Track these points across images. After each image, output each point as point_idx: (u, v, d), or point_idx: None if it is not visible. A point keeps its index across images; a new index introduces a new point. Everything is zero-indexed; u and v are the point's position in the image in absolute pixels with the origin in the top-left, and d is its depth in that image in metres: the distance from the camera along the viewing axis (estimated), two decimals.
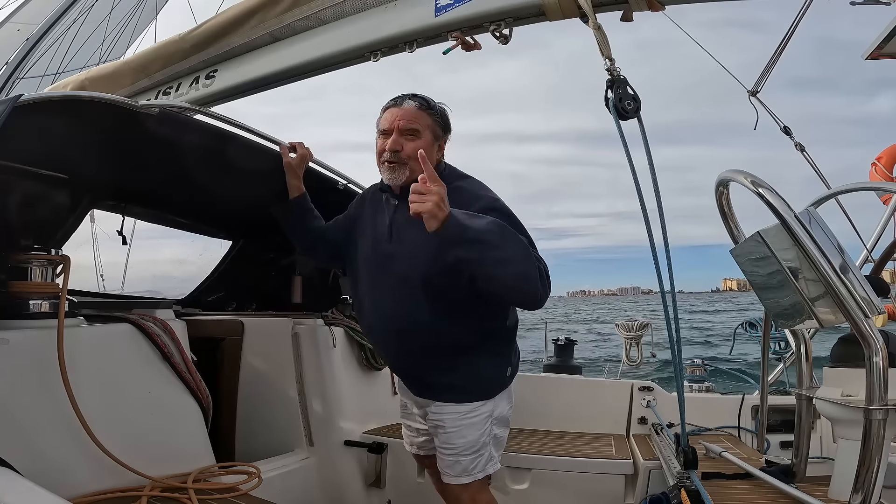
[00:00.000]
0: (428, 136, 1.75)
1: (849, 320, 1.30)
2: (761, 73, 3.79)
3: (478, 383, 1.82)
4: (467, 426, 1.78)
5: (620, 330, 5.36)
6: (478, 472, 1.80)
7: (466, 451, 1.79)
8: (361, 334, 2.78)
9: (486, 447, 1.81)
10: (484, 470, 1.82)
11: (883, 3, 2.26)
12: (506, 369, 1.87)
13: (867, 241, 3.15)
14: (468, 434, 1.78)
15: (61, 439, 1.60)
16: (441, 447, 1.83)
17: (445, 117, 1.82)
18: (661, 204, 1.58)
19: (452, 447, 1.80)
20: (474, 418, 1.79)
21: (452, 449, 1.80)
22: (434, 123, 1.78)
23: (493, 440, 1.84)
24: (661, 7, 1.76)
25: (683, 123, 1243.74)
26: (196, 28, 2.57)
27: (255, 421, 2.62)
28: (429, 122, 1.76)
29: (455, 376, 1.79)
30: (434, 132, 1.77)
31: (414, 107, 1.75)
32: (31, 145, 1.85)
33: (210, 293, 3.52)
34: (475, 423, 1.79)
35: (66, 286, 1.75)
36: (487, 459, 1.82)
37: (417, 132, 1.73)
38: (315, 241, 2.09)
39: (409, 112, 1.74)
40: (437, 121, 1.79)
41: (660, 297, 1.57)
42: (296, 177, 2.08)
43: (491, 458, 1.84)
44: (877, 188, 2.76)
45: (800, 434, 1.81)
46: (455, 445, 1.79)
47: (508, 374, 1.87)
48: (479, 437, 1.79)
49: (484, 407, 1.80)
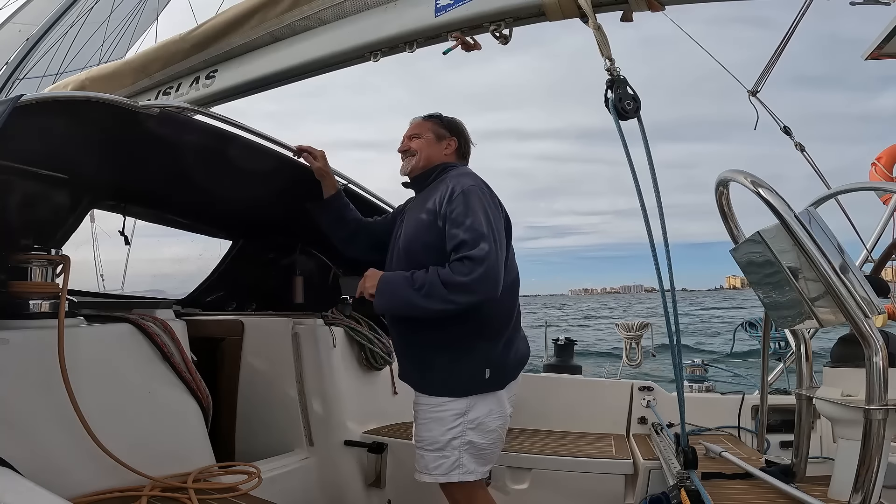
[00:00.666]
0: (429, 136, 2.09)
1: (849, 320, 1.30)
2: (761, 74, 3.80)
3: (447, 378, 1.86)
4: (433, 420, 1.85)
5: (620, 330, 5.37)
6: (439, 475, 1.82)
7: (429, 447, 1.85)
8: (361, 334, 2.79)
9: (452, 450, 1.81)
10: (447, 475, 1.82)
11: (883, 3, 2.26)
12: (482, 370, 1.85)
13: (867, 241, 3.16)
14: (433, 428, 1.84)
15: (61, 439, 1.60)
16: (413, 438, 1.96)
17: (451, 123, 2.14)
18: (661, 204, 1.58)
19: (418, 440, 1.90)
20: (441, 413, 1.84)
21: (418, 441, 1.90)
22: (435, 126, 2.11)
23: (466, 446, 1.82)
24: (660, 7, 1.76)
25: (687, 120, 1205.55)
26: (196, 28, 2.58)
27: (255, 421, 2.62)
28: (430, 126, 2.11)
29: (427, 367, 1.91)
30: (435, 133, 2.10)
31: (420, 119, 2.15)
32: (32, 145, 1.85)
33: (210, 293, 3.52)
34: (441, 418, 1.83)
35: (66, 286, 1.75)
36: (454, 465, 1.81)
37: (419, 134, 2.11)
38: (353, 233, 2.30)
39: (416, 122, 2.15)
40: (439, 124, 2.12)
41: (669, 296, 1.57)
42: (329, 176, 2.30)
43: (459, 465, 1.82)
44: (877, 188, 2.76)
45: (800, 434, 1.81)
46: (420, 438, 1.89)
47: (487, 376, 1.85)
48: (442, 434, 1.82)
49: (453, 404, 1.83)
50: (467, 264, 1.72)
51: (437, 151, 2.07)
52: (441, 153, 2.08)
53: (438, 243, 1.83)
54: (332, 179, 2.31)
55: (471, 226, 1.77)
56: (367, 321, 2.90)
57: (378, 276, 1.87)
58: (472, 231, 1.76)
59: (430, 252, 1.85)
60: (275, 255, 3.58)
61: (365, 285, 1.89)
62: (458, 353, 1.85)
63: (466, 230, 1.77)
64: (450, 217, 1.82)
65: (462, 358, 1.85)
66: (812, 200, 1.92)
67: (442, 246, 1.82)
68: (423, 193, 2.04)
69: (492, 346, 1.88)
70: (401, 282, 1.82)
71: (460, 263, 1.73)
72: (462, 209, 1.81)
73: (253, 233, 3.47)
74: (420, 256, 1.87)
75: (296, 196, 2.42)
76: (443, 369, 1.87)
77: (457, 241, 1.77)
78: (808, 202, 1.83)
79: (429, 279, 1.75)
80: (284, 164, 2.39)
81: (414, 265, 1.86)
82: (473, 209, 1.80)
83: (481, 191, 1.88)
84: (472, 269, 1.71)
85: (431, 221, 1.87)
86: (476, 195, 1.84)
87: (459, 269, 1.73)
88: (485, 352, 1.87)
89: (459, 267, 1.73)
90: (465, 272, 1.71)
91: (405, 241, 1.97)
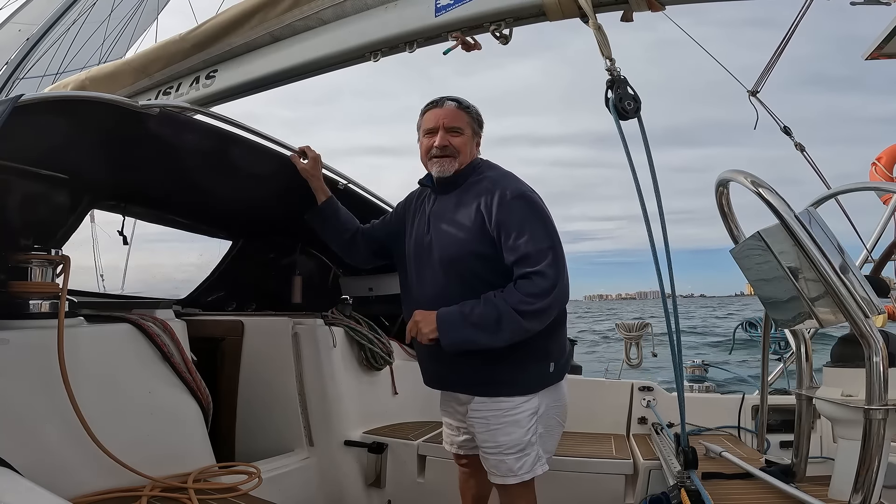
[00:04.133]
0: (468, 133, 1.88)
1: (849, 320, 1.30)
2: (761, 74, 3.80)
3: (518, 378, 1.76)
4: (510, 423, 1.74)
5: (620, 330, 5.37)
6: (525, 473, 1.75)
7: (510, 450, 1.74)
8: (361, 334, 2.79)
9: (531, 447, 1.76)
10: (532, 471, 1.76)
11: (883, 3, 2.25)
12: (548, 364, 1.80)
13: (867, 241, 3.15)
14: (513, 432, 1.74)
15: (61, 439, 1.60)
16: (483, 446, 1.79)
17: (479, 116, 1.94)
18: (661, 204, 1.58)
19: (496, 446, 1.76)
20: (518, 415, 1.74)
21: (496, 447, 1.76)
22: (472, 121, 1.90)
23: (539, 440, 1.79)
24: (661, 7, 1.76)
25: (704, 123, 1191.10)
26: (196, 28, 2.58)
27: (255, 421, 2.62)
28: (468, 120, 1.89)
29: (495, 370, 1.75)
30: (472, 129, 1.90)
31: (454, 106, 1.88)
32: (32, 145, 1.85)
33: (210, 293, 3.52)
34: (518, 420, 1.74)
35: (66, 286, 1.75)
36: (535, 460, 1.77)
37: (460, 129, 1.86)
38: (352, 239, 2.15)
39: (451, 112, 1.88)
40: (475, 118, 1.92)
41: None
42: (317, 179, 2.17)
43: (538, 458, 1.78)
44: (877, 188, 2.76)
45: (800, 434, 1.81)
46: (499, 444, 1.75)
47: (552, 369, 1.81)
48: (523, 435, 1.74)
49: (527, 404, 1.76)
50: (538, 282, 1.62)
51: (473, 150, 1.90)
52: (475, 151, 1.91)
53: (492, 253, 1.72)
54: (319, 182, 2.16)
55: (534, 235, 1.66)
56: (367, 321, 2.90)
57: (433, 317, 1.71)
58: (537, 242, 1.66)
59: (484, 263, 1.74)
60: (275, 255, 3.58)
61: (421, 331, 1.73)
62: (526, 352, 1.75)
63: (529, 241, 1.66)
64: (506, 224, 1.69)
65: (530, 356, 1.78)
66: (812, 200, 1.92)
67: (496, 256, 1.71)
68: (455, 195, 1.86)
69: (553, 340, 1.83)
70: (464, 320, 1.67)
71: (529, 283, 1.63)
72: (519, 216, 1.69)
73: (253, 233, 3.47)
74: (471, 268, 1.75)
75: (296, 196, 2.42)
76: (512, 370, 1.77)
77: (520, 254, 1.66)
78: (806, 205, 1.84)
79: (499, 311, 1.63)
80: (285, 165, 2.39)
81: (461, 278, 1.75)
82: (531, 216, 1.70)
83: (533, 192, 1.78)
84: (545, 289, 1.62)
85: (480, 228, 1.74)
86: (531, 199, 1.74)
87: (530, 290, 1.63)
88: (548, 347, 1.81)
89: (529, 287, 1.63)
90: (538, 293, 1.62)
91: (444, 250, 1.81)
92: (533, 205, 1.73)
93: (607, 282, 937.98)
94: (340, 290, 3.37)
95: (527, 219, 1.69)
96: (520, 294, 1.64)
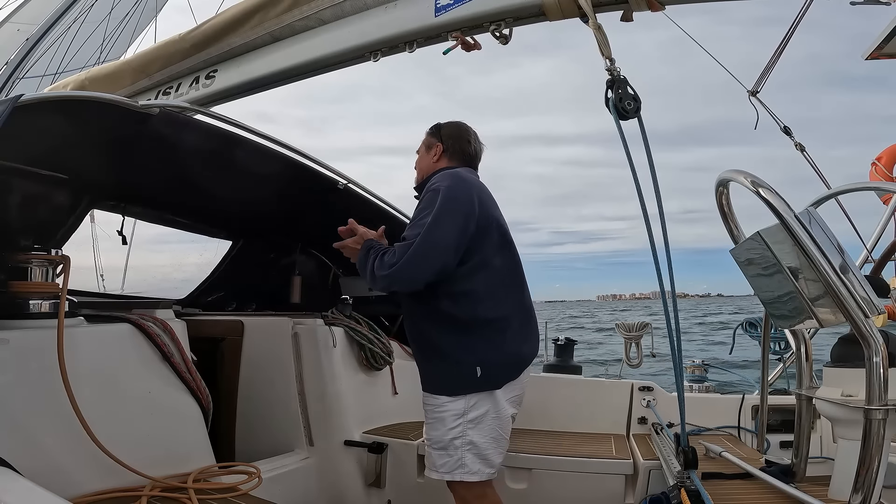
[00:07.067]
0: (422, 149, 2.18)
1: (849, 320, 1.30)
2: (761, 74, 3.80)
3: (442, 377, 1.90)
4: (437, 419, 1.88)
5: (620, 330, 5.36)
6: (444, 472, 1.86)
7: (434, 445, 1.89)
8: (361, 334, 2.79)
9: (455, 449, 1.84)
10: (451, 474, 1.85)
11: (883, 3, 2.25)
12: (473, 368, 1.84)
13: (867, 241, 3.15)
14: (437, 428, 1.88)
15: (61, 439, 1.60)
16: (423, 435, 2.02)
17: (438, 128, 2.17)
18: (662, 204, 1.58)
19: (427, 438, 1.94)
20: (442, 413, 1.87)
21: (426, 440, 1.95)
22: (427, 137, 2.18)
23: (468, 446, 1.83)
24: (661, 7, 1.76)
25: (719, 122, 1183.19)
26: (196, 28, 2.57)
27: (255, 421, 2.62)
28: (424, 139, 2.19)
29: (428, 367, 1.97)
30: (426, 144, 2.17)
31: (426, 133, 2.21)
32: (31, 145, 1.85)
33: (210, 293, 3.52)
34: (442, 418, 1.87)
35: (66, 286, 1.75)
36: (456, 464, 1.84)
37: (418, 150, 2.21)
38: None
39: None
40: (429, 134, 2.17)
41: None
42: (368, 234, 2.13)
43: (461, 465, 1.84)
44: (877, 188, 2.76)
45: (800, 434, 1.81)
46: (429, 437, 1.92)
47: (479, 374, 1.84)
48: (444, 433, 1.85)
49: (452, 404, 1.85)
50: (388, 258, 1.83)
51: (428, 162, 2.13)
52: (431, 162, 2.12)
53: None
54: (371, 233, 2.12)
55: (417, 223, 1.84)
56: (367, 321, 2.90)
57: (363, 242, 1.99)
58: (413, 228, 1.84)
59: None
60: (275, 255, 3.58)
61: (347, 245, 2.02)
62: (450, 352, 1.87)
63: (412, 227, 1.86)
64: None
65: (453, 356, 1.86)
66: (812, 200, 1.93)
67: None
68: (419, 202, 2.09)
69: (483, 343, 1.86)
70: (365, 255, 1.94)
71: (389, 253, 1.85)
72: (421, 205, 1.89)
73: (253, 233, 3.47)
74: None
75: (296, 196, 2.42)
76: (438, 368, 1.92)
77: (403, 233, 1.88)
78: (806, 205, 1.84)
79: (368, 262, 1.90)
80: (285, 164, 2.39)
81: None
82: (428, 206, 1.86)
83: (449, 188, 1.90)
84: (390, 264, 1.81)
85: None
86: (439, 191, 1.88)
87: (386, 259, 1.84)
88: (475, 350, 1.85)
89: (388, 256, 1.85)
90: (386, 264, 1.82)
91: None
92: (435, 196, 1.86)
93: (620, 282, 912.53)
94: (340, 290, 3.37)
95: (424, 208, 1.86)
96: (383, 259, 1.86)
